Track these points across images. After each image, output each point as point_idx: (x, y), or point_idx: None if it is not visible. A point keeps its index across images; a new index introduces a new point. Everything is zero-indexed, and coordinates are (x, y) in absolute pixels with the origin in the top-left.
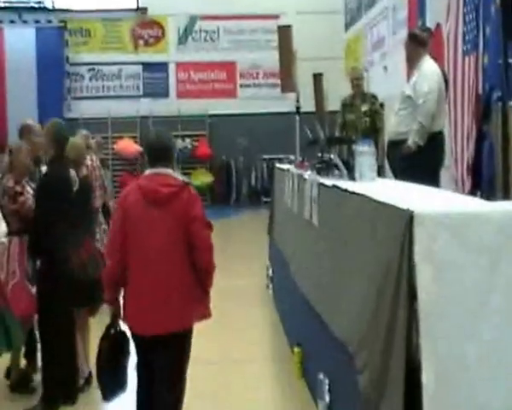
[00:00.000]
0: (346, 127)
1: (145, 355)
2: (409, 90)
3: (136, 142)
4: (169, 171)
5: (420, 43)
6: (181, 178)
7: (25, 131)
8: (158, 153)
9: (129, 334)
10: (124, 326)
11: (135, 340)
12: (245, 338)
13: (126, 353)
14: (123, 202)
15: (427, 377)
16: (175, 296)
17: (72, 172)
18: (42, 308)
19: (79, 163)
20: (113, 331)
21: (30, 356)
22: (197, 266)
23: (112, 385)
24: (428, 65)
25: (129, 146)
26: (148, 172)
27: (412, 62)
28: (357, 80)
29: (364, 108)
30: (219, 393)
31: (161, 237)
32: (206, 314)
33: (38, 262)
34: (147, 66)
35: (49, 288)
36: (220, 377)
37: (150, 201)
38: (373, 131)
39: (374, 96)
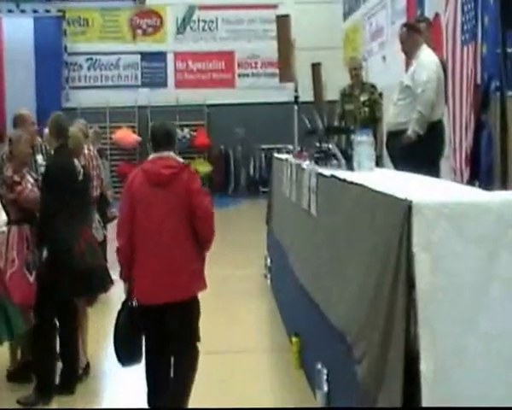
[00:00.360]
0: (345, 117)
1: (155, 326)
2: (407, 80)
3: (134, 131)
4: (171, 154)
5: (417, 31)
6: (181, 160)
7: (19, 121)
8: (161, 138)
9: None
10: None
11: (146, 313)
12: (243, 328)
13: (141, 325)
14: (129, 186)
15: (425, 367)
16: (181, 267)
17: (77, 162)
18: (42, 298)
19: (78, 153)
20: (129, 304)
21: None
22: (199, 234)
23: (129, 355)
24: (426, 54)
25: (127, 136)
26: (151, 156)
27: (410, 52)
28: (355, 70)
29: (363, 97)
30: (217, 383)
31: (165, 214)
32: (203, 286)
33: (45, 252)
34: (145, 55)
35: (52, 278)
36: (218, 368)
37: (154, 183)
38: (372, 121)
39: (373, 86)
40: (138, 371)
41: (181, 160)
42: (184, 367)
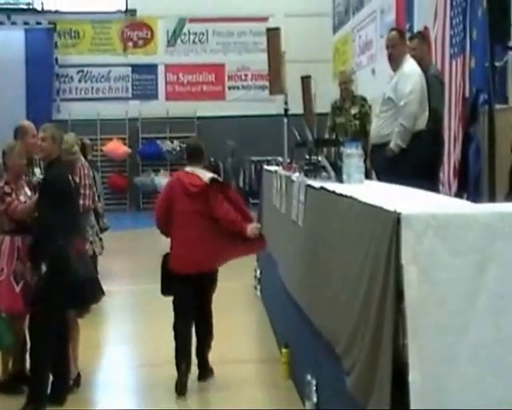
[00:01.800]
0: (336, 130)
1: (187, 289)
2: (389, 91)
3: (124, 143)
4: (196, 170)
5: (405, 40)
6: (208, 176)
7: (19, 132)
8: (189, 153)
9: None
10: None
11: (178, 280)
12: (233, 339)
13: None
14: (171, 183)
15: (413, 377)
16: (199, 245)
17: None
18: (37, 310)
19: (72, 165)
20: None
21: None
22: (224, 227)
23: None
24: (409, 65)
25: (118, 148)
26: (186, 168)
27: (395, 62)
28: (345, 84)
29: (354, 110)
30: (207, 393)
31: (191, 212)
32: (258, 246)
33: (44, 266)
34: (136, 67)
35: (48, 290)
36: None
37: (184, 192)
38: (363, 134)
39: (364, 99)
40: (128, 381)
41: (207, 175)
42: (210, 322)
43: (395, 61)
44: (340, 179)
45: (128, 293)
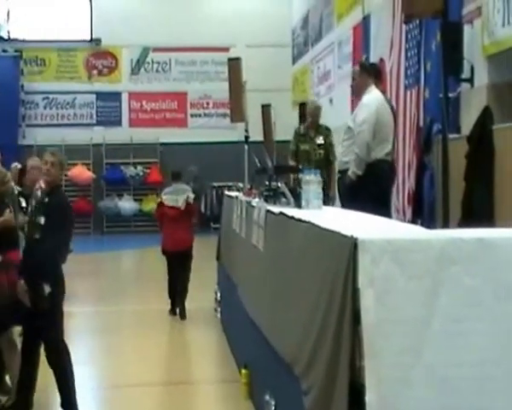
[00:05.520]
0: (299, 156)
1: (174, 263)
2: (350, 121)
3: (89, 169)
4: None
5: (369, 74)
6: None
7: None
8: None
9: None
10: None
11: (168, 256)
12: (193, 360)
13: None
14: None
15: (370, 398)
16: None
17: None
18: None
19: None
20: None
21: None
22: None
23: None
24: (369, 96)
25: (82, 173)
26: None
27: (358, 91)
28: (316, 116)
29: (319, 140)
30: None
31: (179, 214)
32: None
33: (48, 288)
34: (100, 95)
35: (53, 310)
36: (168, 400)
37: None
38: (326, 163)
39: (328, 129)
40: (88, 403)
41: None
42: (187, 275)
43: (357, 93)
44: (298, 205)
45: (90, 314)
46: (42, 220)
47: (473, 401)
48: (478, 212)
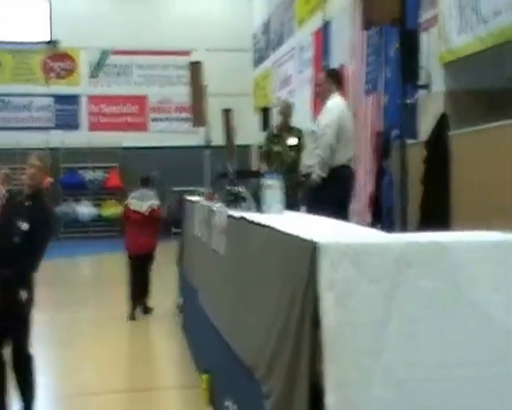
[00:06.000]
0: (272, 158)
1: (136, 265)
2: (314, 125)
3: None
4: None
5: (333, 79)
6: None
7: None
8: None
9: None
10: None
11: (131, 258)
12: (153, 367)
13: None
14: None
15: (330, 400)
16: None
17: None
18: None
19: None
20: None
21: None
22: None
23: None
24: (332, 101)
25: None
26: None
27: (323, 96)
28: (288, 116)
29: (292, 142)
30: None
31: (142, 219)
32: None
33: (25, 294)
34: (58, 98)
35: (28, 317)
36: (129, 407)
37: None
38: (298, 166)
39: (300, 131)
40: None
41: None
42: (149, 276)
43: (321, 98)
44: (260, 210)
45: (48, 323)
46: (25, 226)
47: (428, 401)
48: (435, 215)
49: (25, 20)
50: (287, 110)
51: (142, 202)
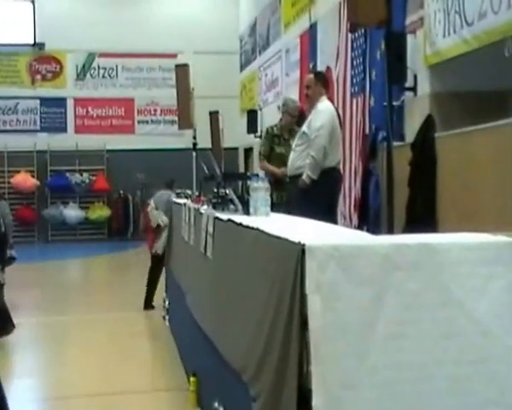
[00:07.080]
0: (274, 159)
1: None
2: (305, 127)
3: (32, 176)
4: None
5: (322, 82)
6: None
7: None
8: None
9: None
10: None
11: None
12: (141, 369)
13: None
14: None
15: (316, 402)
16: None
17: None
18: None
19: None
20: None
21: None
22: None
23: None
24: (323, 104)
25: (26, 180)
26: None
27: (312, 102)
28: (293, 117)
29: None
30: None
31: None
32: None
33: None
34: (44, 100)
35: None
36: (116, 408)
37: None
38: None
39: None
40: None
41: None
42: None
43: (311, 101)
44: (247, 212)
45: (35, 325)
46: None
47: (415, 402)
48: (421, 217)
49: (10, 22)
50: (294, 111)
51: (157, 210)
